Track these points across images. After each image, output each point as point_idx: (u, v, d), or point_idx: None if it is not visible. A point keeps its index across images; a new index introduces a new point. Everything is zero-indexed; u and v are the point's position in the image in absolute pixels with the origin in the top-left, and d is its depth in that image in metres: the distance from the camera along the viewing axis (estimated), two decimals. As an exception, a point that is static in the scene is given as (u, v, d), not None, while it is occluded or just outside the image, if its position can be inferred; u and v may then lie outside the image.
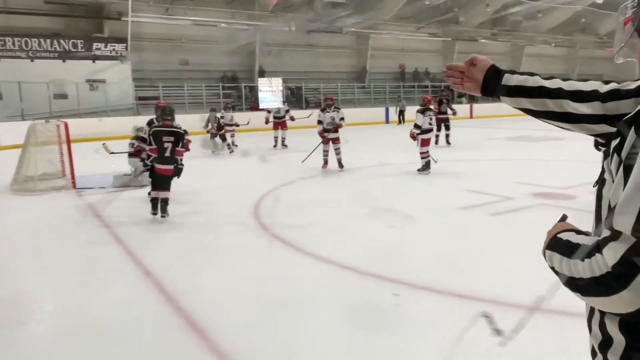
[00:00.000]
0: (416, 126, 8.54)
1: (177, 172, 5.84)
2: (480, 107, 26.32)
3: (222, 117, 13.33)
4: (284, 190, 7.43)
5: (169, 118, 5.80)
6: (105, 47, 18.29)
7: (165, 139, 5.62)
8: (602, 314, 0.86)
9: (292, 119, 13.56)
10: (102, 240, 5.08)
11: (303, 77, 23.79)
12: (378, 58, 26.12)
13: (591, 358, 0.93)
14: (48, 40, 17.37)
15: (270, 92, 21.15)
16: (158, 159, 5.68)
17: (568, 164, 8.81)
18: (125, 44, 18.50)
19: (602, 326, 0.86)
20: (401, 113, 22.71)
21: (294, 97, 22.53)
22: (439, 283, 3.67)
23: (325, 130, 8.95)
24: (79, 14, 18.80)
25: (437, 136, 12.04)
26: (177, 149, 5.69)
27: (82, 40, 17.94)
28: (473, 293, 3.48)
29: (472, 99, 27.39)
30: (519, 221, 5.47)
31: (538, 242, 4.00)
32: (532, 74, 1.16)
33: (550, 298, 2.65)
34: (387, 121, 23.38)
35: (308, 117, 13.78)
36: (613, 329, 0.83)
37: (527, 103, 1.15)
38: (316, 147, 9.35)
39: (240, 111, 19.95)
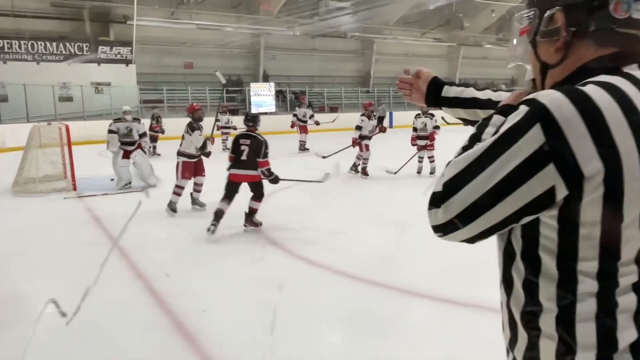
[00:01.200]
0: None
1: (273, 180, 5.43)
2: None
3: (217, 120, 13.38)
4: (280, 194, 7.45)
5: (250, 124, 5.63)
6: (111, 50, 18.43)
7: (242, 141, 5.48)
8: (510, 312, 0.93)
9: (317, 123, 13.22)
10: (98, 242, 5.12)
11: (307, 82, 23.85)
12: (382, 63, 26.15)
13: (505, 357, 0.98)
14: (54, 43, 17.53)
15: (269, 96, 21.21)
16: (233, 164, 5.41)
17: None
18: (130, 48, 18.64)
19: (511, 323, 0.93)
20: (380, 120, 20.03)
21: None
22: (432, 289, 3.67)
23: (363, 137, 8.91)
24: (85, 18, 18.97)
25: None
26: (258, 159, 5.31)
27: (87, 44, 18.10)
28: (465, 299, 3.48)
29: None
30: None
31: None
32: (467, 86, 1.26)
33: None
34: (391, 126, 23.38)
35: (333, 121, 13.61)
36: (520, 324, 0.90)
37: (462, 113, 1.27)
38: (343, 149, 9.36)
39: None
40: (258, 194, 5.48)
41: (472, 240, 0.93)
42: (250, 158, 5.32)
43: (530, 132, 0.78)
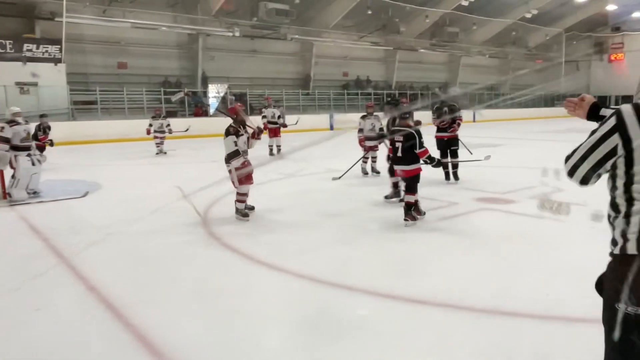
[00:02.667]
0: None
1: (436, 164, 5.79)
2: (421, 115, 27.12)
3: (150, 125, 12.98)
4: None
5: (407, 116, 5.81)
6: (38, 48, 17.29)
7: (396, 138, 5.55)
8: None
9: (283, 126, 12.45)
10: (39, 253, 4.77)
11: (248, 84, 23.58)
12: (322, 65, 26.36)
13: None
14: (-27, 40, 16.25)
15: (217, 99, 20.78)
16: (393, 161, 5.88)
17: (507, 170, 9.23)
18: (59, 46, 17.59)
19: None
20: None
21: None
22: (391, 289, 3.71)
23: (367, 138, 8.82)
24: (7, 13, 17.68)
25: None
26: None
27: (11, 41, 16.88)
28: (423, 297, 3.55)
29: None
30: (463, 225, 5.65)
31: (480, 244, 4.17)
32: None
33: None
34: (331, 128, 23.58)
35: (296, 123, 12.91)
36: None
37: None
38: (360, 159, 9.08)
39: (183, 117, 19.51)
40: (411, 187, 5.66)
41: (584, 180, 1.72)
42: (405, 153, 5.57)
43: (610, 120, 1.63)
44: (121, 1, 18.58)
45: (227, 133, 5.87)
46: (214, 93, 21.12)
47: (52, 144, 10.39)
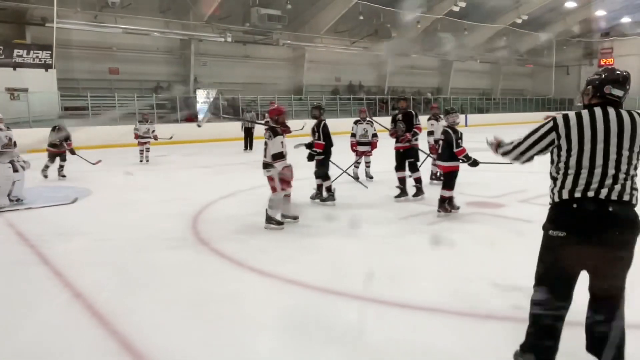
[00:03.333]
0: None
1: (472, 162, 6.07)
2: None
3: (136, 129, 12.71)
4: (224, 203, 7.27)
5: (454, 110, 6.32)
6: (28, 54, 17.20)
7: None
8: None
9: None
10: (25, 261, 4.71)
11: (240, 89, 23.57)
12: (314, 70, 26.40)
13: None
14: (-38, 46, 16.16)
15: (207, 104, 20.74)
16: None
17: (496, 174, 9.24)
18: (50, 51, 17.50)
19: None
20: (248, 132, 15.82)
21: (231, 109, 22.24)
22: (381, 294, 3.70)
23: (359, 143, 8.88)
24: (-3, 18, 17.63)
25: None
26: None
27: (1, 47, 16.79)
28: (412, 302, 3.54)
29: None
30: (453, 229, 5.65)
31: (469, 249, 4.16)
32: None
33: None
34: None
35: (302, 128, 12.57)
36: None
37: None
38: (353, 164, 8.98)
39: (175, 122, 19.44)
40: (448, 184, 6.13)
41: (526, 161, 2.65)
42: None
43: (549, 124, 2.45)
44: (112, 7, 18.51)
45: (275, 133, 5.54)
46: (203, 98, 21.00)
47: (73, 152, 10.31)
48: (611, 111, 2.31)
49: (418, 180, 7.36)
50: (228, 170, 11.23)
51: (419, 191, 7.34)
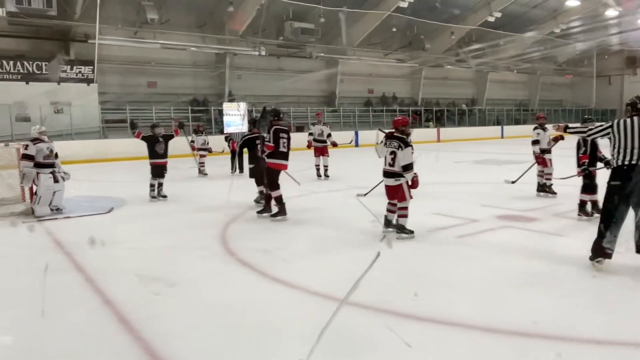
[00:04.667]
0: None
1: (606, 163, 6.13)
2: (448, 131, 26.92)
3: (192, 141, 12.77)
4: (252, 214, 7.36)
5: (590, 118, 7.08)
6: (72, 69, 17.99)
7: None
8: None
9: (334, 144, 11.10)
10: (60, 267, 4.90)
11: (273, 101, 23.88)
12: (347, 82, 26.52)
13: None
14: (11, 62, 17.00)
15: (238, 116, 21.03)
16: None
17: (531, 187, 9.03)
18: (92, 67, 18.25)
19: None
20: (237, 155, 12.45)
21: (264, 121, 22.51)
22: (408, 307, 3.66)
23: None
24: (44, 36, 18.48)
25: None
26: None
27: (46, 62, 17.61)
28: (440, 317, 3.49)
29: (438, 123, 28.04)
30: (483, 243, 5.55)
31: (500, 263, 4.10)
32: None
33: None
34: (357, 144, 23.63)
35: (350, 142, 11.84)
36: None
37: None
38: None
39: (210, 134, 19.82)
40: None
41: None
42: None
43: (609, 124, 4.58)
44: (151, 23, 19.15)
45: (406, 144, 5.64)
46: (235, 111, 21.05)
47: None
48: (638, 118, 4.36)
49: (275, 200, 6.97)
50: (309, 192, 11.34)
51: (267, 210, 7.09)
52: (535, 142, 8.24)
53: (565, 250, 5.22)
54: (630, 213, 4.32)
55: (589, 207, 6.44)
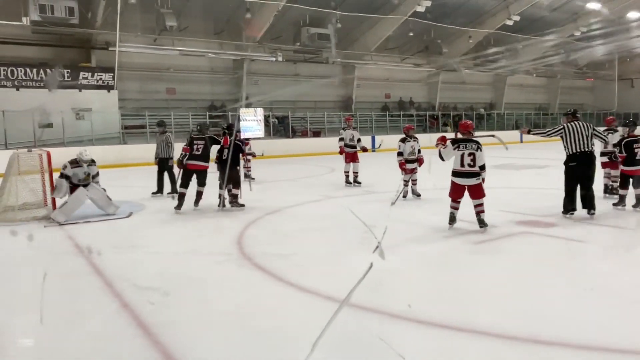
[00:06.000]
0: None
1: None
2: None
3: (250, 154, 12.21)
4: (269, 219, 7.39)
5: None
6: (92, 76, 18.32)
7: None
8: None
9: (364, 149, 10.84)
10: (81, 271, 4.98)
11: (290, 107, 24.00)
12: (364, 87, 26.51)
13: None
14: (35, 70, 17.38)
15: (255, 122, 21.08)
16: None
17: (551, 191, 8.89)
18: (112, 74, 18.57)
19: None
20: (165, 165, 10.09)
21: (281, 126, 22.66)
22: (424, 313, 3.63)
23: (407, 161, 8.78)
24: (66, 44, 18.88)
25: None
26: None
27: (68, 70, 17.97)
28: (457, 323, 3.45)
29: (456, 128, 27.83)
30: (502, 249, 5.48)
31: (521, 269, 4.04)
32: None
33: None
34: (373, 149, 23.59)
35: (379, 146, 11.84)
36: None
37: None
38: (401, 191, 8.98)
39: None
40: None
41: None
42: None
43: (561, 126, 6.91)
44: (170, 30, 19.42)
45: (479, 148, 6.33)
46: (251, 116, 21.07)
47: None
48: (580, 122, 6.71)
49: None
50: (273, 187, 11.39)
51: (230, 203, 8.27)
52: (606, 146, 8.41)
53: (585, 257, 5.13)
54: None
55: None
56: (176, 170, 8.74)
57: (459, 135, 6.54)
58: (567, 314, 3.60)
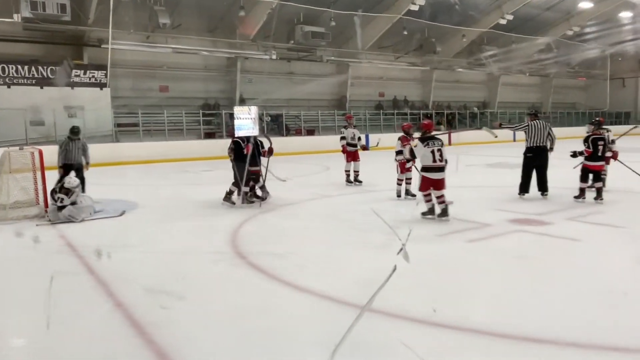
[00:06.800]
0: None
1: None
2: (459, 134, 26.72)
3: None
4: (264, 218, 7.36)
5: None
6: (85, 74, 18.15)
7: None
8: None
9: (364, 148, 10.74)
10: (73, 271, 4.93)
11: (284, 105, 23.93)
12: (358, 86, 26.48)
13: None
14: (26, 67, 17.20)
15: (249, 120, 20.92)
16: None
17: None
18: (104, 71, 18.40)
19: None
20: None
21: (275, 124, 22.59)
22: (419, 312, 3.63)
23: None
24: (58, 41, 18.70)
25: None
26: None
27: (60, 67, 17.81)
28: (453, 322, 3.45)
29: (450, 126, 27.88)
30: (496, 248, 5.49)
31: (515, 268, 4.05)
32: None
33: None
34: (367, 147, 23.57)
35: (377, 145, 11.44)
36: None
37: None
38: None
39: (221, 138, 19.92)
40: None
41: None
42: None
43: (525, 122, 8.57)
44: (163, 28, 19.28)
45: (442, 144, 6.93)
46: (245, 115, 20.95)
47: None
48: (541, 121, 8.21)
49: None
50: (268, 185, 11.34)
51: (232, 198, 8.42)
52: (613, 142, 8.72)
53: (579, 254, 5.14)
54: None
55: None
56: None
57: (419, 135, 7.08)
58: (562, 312, 3.60)
